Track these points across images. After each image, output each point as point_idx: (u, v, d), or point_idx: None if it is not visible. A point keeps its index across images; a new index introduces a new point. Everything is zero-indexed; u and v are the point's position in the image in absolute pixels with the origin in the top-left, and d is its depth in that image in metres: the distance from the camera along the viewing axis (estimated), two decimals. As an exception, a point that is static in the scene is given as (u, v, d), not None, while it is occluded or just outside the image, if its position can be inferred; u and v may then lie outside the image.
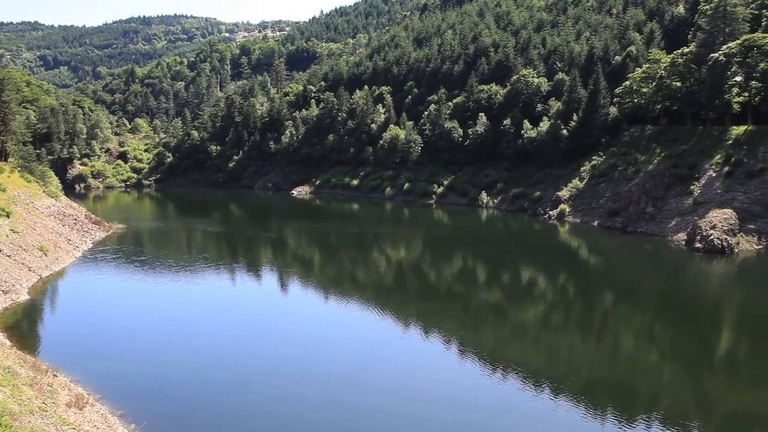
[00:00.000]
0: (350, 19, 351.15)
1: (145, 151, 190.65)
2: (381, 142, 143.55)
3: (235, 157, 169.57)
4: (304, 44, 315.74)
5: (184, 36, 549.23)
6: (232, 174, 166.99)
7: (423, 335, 48.59)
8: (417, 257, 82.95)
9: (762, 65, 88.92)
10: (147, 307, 57.05)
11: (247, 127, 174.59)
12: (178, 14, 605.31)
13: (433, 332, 48.94)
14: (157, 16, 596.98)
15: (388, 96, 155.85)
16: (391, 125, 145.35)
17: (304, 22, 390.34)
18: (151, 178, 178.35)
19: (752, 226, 74.30)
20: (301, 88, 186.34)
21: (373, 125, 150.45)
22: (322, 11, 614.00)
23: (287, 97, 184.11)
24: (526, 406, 35.53)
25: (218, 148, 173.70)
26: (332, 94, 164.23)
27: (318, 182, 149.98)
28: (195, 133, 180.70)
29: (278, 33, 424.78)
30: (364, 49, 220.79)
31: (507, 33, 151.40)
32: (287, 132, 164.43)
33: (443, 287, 65.54)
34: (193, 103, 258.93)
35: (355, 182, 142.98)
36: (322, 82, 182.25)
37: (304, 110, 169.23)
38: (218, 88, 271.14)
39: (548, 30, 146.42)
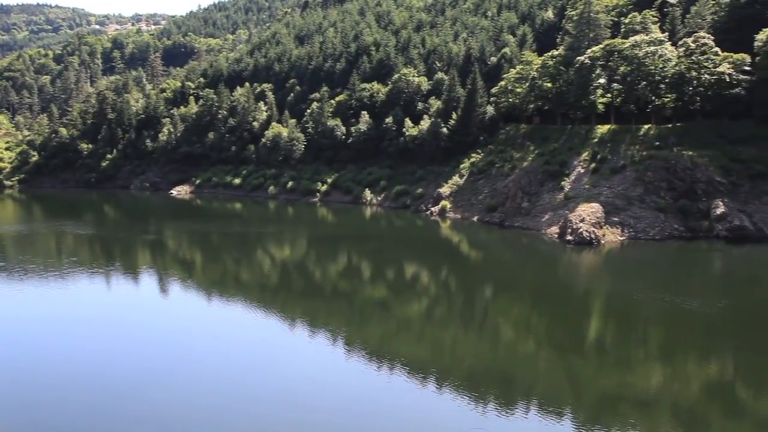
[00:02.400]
0: (230, 14, 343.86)
1: (7, 149, 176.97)
2: (263, 140, 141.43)
3: (109, 156, 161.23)
4: (182, 39, 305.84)
5: (49, 27, 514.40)
6: (105, 174, 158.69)
7: (309, 334, 48.42)
8: (302, 256, 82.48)
9: (622, 69, 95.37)
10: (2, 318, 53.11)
11: (122, 125, 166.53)
12: (41, 3, 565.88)
13: (319, 330, 48.87)
14: (17, 4, 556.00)
15: (270, 93, 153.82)
16: (274, 123, 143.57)
17: (181, 16, 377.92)
18: (13, 179, 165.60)
19: (616, 219, 79.51)
20: (179, 84, 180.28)
21: (255, 123, 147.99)
22: (199, 6, 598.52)
23: (164, 94, 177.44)
24: (412, 397, 36.21)
25: (90, 146, 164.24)
26: (212, 91, 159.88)
27: (199, 181, 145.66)
28: (64, 131, 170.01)
29: (153, 27, 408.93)
30: (245, 45, 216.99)
31: (388, 32, 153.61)
32: (165, 130, 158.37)
33: (328, 285, 65.59)
34: (60, 98, 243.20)
35: (237, 181, 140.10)
36: (201, 79, 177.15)
37: (182, 107, 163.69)
38: (89, 83, 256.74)
39: (427, 30, 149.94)
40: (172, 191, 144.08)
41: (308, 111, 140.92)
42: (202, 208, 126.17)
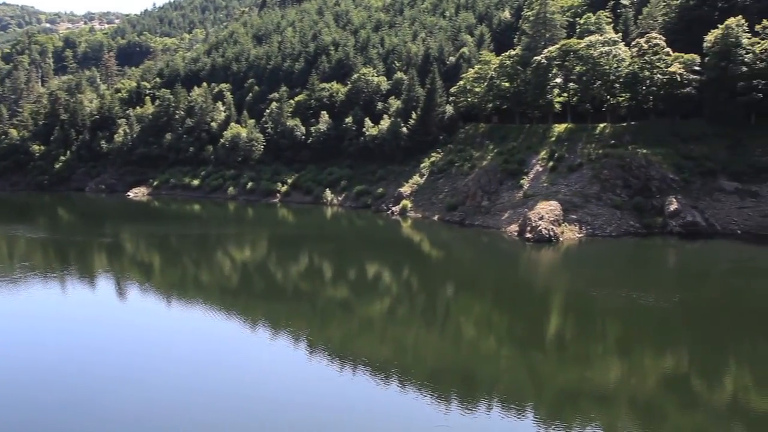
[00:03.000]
0: (186, 13, 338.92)
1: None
2: (222, 140, 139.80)
3: (63, 158, 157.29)
4: (136, 38, 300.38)
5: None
6: (59, 176, 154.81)
7: (271, 335, 48.14)
8: (263, 257, 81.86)
9: (578, 68, 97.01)
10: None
11: (75, 126, 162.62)
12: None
13: (281, 331, 48.59)
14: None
15: (228, 93, 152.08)
16: (232, 123, 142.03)
17: (136, 14, 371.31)
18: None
19: (574, 216, 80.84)
20: (135, 84, 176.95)
21: (213, 123, 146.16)
22: (154, 4, 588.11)
23: (119, 94, 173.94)
24: (376, 397, 36.30)
25: (42, 148, 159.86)
26: (168, 91, 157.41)
27: (156, 183, 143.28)
28: (14, 132, 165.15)
29: (107, 25, 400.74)
30: (202, 45, 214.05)
31: (346, 32, 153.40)
32: (120, 131, 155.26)
33: (290, 286, 65.26)
34: (10, 99, 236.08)
35: (195, 182, 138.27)
36: (158, 79, 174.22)
37: (138, 108, 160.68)
38: (40, 83, 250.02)
39: (386, 30, 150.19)
40: (128, 193, 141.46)
41: (267, 111, 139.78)
42: (160, 209, 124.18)
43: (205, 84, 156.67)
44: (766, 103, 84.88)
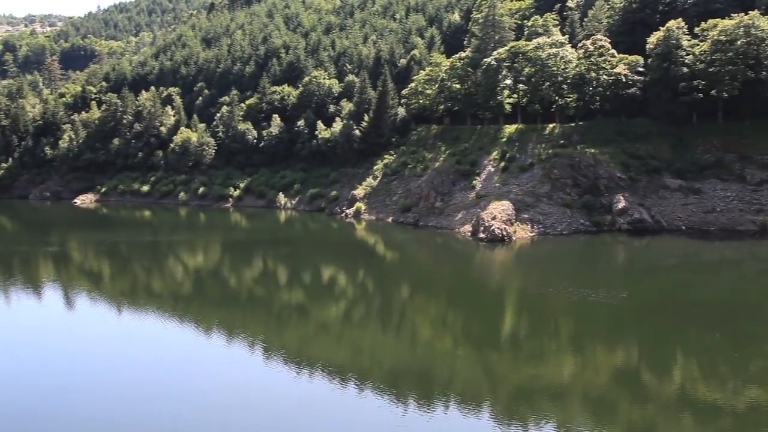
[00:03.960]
0: (132, 15, 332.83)
1: None
2: (172, 145, 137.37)
3: (4, 165, 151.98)
4: (81, 41, 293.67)
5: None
6: (0, 184, 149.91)
7: (226, 341, 47.46)
8: (216, 263, 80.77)
9: (527, 70, 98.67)
10: None
11: (17, 132, 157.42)
12: None
13: (236, 337, 48.02)
14: None
15: (178, 98, 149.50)
16: (182, 128, 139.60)
17: (80, 17, 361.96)
18: None
19: (526, 216, 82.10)
20: (80, 89, 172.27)
21: (163, 128, 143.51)
22: (99, 7, 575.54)
23: (63, 99, 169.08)
24: (333, 400, 36.18)
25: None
26: (115, 95, 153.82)
27: (104, 189, 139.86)
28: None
29: (49, 28, 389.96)
30: (149, 48, 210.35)
31: (297, 34, 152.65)
32: (66, 136, 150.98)
33: (245, 292, 64.57)
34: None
35: (145, 188, 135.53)
36: (104, 83, 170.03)
37: (84, 113, 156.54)
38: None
39: (337, 33, 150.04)
40: (75, 200, 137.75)
41: (218, 115, 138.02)
42: (108, 217, 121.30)
43: (153, 88, 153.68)
44: (707, 103, 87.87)
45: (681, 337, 45.74)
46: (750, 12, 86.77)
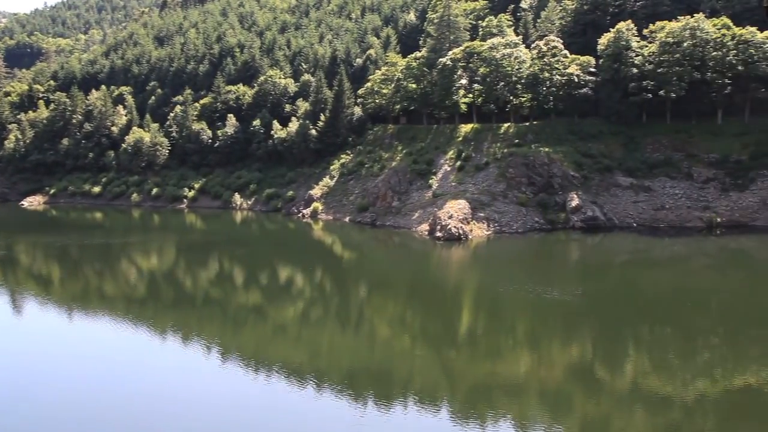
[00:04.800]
0: (80, 12, 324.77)
1: None
2: (124, 145, 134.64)
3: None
4: (27, 39, 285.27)
5: None
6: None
7: (182, 343, 46.71)
8: (171, 265, 79.41)
9: (482, 70, 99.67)
10: None
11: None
12: None
13: (192, 339, 47.28)
14: None
15: (130, 97, 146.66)
16: (135, 128, 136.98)
17: (26, 14, 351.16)
18: None
19: (482, 214, 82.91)
20: (26, 87, 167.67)
21: (114, 128, 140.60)
22: (45, 3, 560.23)
23: (9, 98, 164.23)
24: (291, 400, 35.90)
25: None
26: (64, 94, 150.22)
27: (53, 191, 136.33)
28: None
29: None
30: (99, 46, 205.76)
31: (252, 34, 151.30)
32: (12, 136, 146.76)
33: (200, 293, 63.65)
34: None
35: (96, 189, 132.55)
36: (52, 82, 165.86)
37: (31, 112, 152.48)
38: None
39: (292, 32, 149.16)
40: (22, 202, 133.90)
41: (171, 115, 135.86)
42: (58, 219, 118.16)
43: (104, 87, 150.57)
44: (656, 103, 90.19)
45: (633, 331, 46.78)
46: (695, 15, 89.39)
